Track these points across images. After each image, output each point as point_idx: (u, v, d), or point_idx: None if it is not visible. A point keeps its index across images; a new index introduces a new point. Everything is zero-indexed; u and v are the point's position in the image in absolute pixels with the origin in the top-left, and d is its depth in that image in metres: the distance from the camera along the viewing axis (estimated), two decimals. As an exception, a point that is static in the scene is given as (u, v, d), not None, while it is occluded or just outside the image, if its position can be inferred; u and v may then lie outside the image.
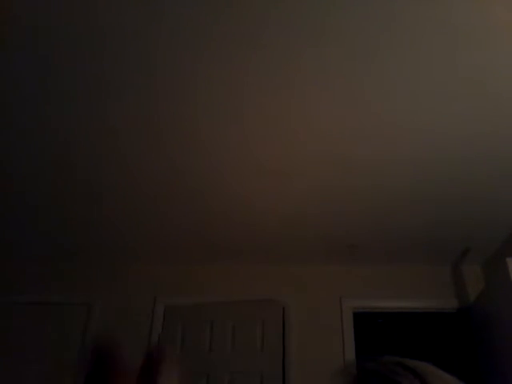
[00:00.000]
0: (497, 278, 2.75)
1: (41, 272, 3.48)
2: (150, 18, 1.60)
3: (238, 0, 1.53)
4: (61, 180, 2.53)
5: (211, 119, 2.07)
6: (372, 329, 3.30)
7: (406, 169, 2.39)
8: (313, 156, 2.31)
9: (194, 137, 2.19)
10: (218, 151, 2.29)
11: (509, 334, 2.60)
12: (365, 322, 3.32)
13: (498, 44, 1.67)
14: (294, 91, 1.91)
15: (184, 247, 3.29)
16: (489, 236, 3.07)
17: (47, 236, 3.16)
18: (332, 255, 3.37)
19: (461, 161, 2.31)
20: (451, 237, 3.09)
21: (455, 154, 2.26)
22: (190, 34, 1.66)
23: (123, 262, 3.50)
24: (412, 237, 3.10)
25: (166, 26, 1.62)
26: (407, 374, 0.62)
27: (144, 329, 3.25)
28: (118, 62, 1.78)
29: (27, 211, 2.84)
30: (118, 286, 3.43)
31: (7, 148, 2.27)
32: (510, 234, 3.02)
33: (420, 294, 3.33)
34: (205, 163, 2.38)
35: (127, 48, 1.71)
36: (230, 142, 2.22)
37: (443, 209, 2.75)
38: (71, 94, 1.93)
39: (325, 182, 2.51)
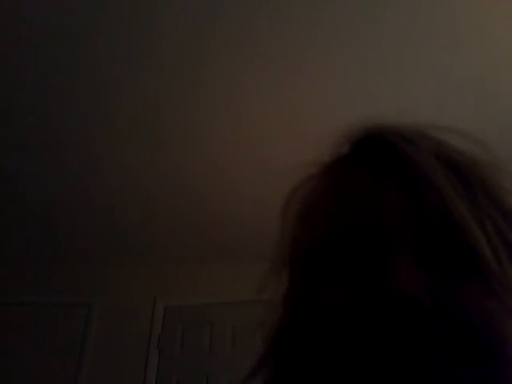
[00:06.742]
0: (497, 278, 2.75)
1: (41, 272, 3.48)
2: (152, 19, 1.61)
3: (238, 2, 1.55)
4: (60, 180, 2.54)
5: (211, 119, 2.08)
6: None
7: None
8: (313, 157, 2.31)
9: (194, 137, 2.20)
10: (218, 151, 2.29)
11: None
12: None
13: (499, 42, 1.68)
14: (294, 92, 1.92)
15: (184, 247, 3.29)
16: (489, 236, 3.08)
17: (47, 236, 3.16)
18: (332, 255, 3.37)
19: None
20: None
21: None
22: (191, 35, 1.67)
23: (123, 262, 3.50)
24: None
25: (168, 28, 1.63)
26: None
27: (144, 329, 3.25)
28: (118, 62, 1.78)
29: (27, 211, 2.85)
30: (118, 286, 3.43)
31: (7, 147, 2.28)
32: (510, 234, 3.03)
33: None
34: (205, 163, 2.39)
35: (128, 48, 1.72)
36: (231, 141, 2.22)
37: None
38: (72, 93, 1.94)
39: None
